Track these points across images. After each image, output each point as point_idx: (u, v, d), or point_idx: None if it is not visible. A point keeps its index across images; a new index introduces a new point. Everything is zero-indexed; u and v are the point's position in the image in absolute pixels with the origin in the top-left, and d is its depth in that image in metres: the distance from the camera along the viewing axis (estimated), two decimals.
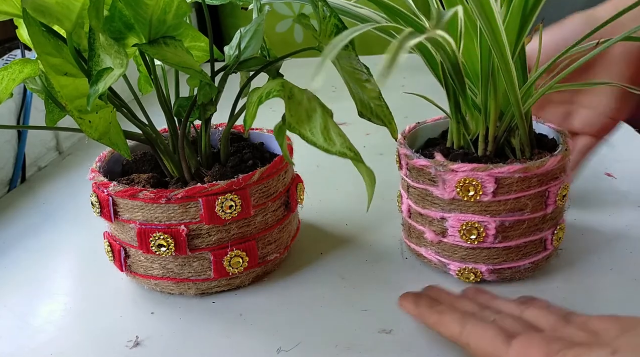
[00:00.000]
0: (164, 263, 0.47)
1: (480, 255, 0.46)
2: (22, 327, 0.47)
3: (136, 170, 0.52)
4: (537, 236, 0.45)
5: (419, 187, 0.47)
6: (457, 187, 0.43)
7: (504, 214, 0.44)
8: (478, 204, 0.44)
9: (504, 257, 0.46)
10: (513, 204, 0.44)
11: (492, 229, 0.44)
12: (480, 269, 0.46)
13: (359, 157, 0.42)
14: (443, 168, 0.44)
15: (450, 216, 0.45)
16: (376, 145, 0.76)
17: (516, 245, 0.45)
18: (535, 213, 0.44)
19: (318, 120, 0.42)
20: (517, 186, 0.43)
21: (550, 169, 0.43)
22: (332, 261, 0.53)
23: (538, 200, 0.44)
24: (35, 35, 0.37)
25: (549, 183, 0.44)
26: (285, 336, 0.43)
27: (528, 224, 0.44)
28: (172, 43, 0.42)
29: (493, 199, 0.43)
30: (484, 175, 0.42)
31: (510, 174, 0.42)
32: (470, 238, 0.45)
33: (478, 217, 0.44)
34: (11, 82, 0.42)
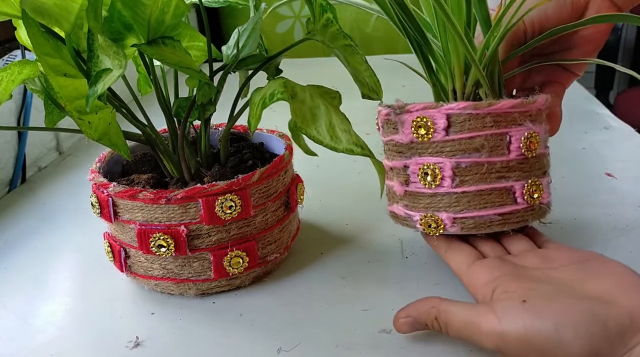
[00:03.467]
0: (163, 263, 0.47)
1: (440, 202, 0.45)
2: (22, 328, 0.47)
3: (136, 170, 0.52)
4: (500, 184, 0.44)
5: (387, 140, 0.47)
6: (412, 128, 0.44)
7: (459, 155, 0.43)
8: (432, 144, 0.44)
9: (464, 205, 0.44)
10: (467, 143, 0.43)
11: (448, 170, 0.44)
12: (440, 217, 0.45)
13: (365, 150, 0.42)
14: (400, 110, 0.44)
15: (410, 161, 0.45)
16: (376, 145, 0.75)
17: (476, 190, 0.44)
18: (494, 157, 0.44)
19: (322, 118, 0.42)
20: (469, 124, 0.43)
21: (505, 110, 0.43)
22: (332, 260, 0.53)
23: (496, 142, 0.43)
24: (34, 36, 0.37)
25: (507, 127, 0.43)
26: (285, 336, 0.43)
27: (487, 168, 0.44)
28: (170, 43, 0.42)
29: (445, 137, 0.43)
30: (434, 111, 0.43)
31: (460, 110, 0.42)
32: (427, 181, 0.44)
33: (434, 158, 0.44)
34: (10, 83, 0.42)
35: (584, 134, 0.78)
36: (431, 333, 0.42)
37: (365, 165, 0.70)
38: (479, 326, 0.37)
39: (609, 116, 0.86)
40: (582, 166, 0.68)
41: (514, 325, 0.35)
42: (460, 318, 0.38)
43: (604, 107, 0.90)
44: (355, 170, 0.71)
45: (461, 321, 0.38)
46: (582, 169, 0.67)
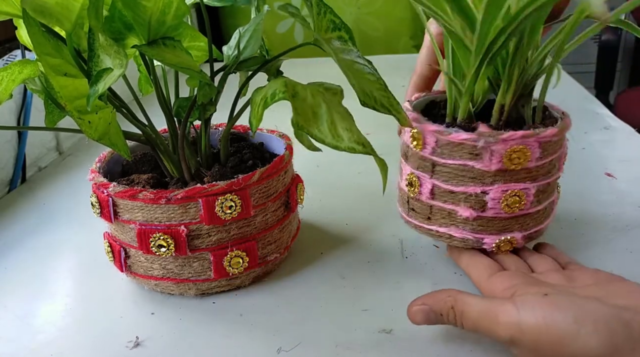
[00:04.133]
0: (163, 263, 0.47)
1: (515, 223, 0.46)
2: (22, 328, 0.47)
3: (136, 170, 0.52)
4: (553, 197, 0.48)
5: (453, 164, 0.45)
6: (504, 157, 0.43)
7: (541, 178, 0.45)
8: (522, 171, 0.44)
9: (534, 222, 0.47)
10: (548, 168, 0.45)
11: (531, 195, 0.45)
12: (515, 237, 0.46)
13: (368, 148, 0.42)
14: (493, 138, 0.43)
15: (492, 188, 0.44)
16: (376, 145, 0.75)
17: (543, 208, 0.47)
18: (556, 174, 0.47)
19: (324, 116, 0.42)
20: (552, 148, 0.45)
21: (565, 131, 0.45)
22: (332, 260, 0.53)
23: (559, 161, 0.46)
24: (34, 36, 0.37)
25: (563, 144, 0.46)
26: (285, 336, 0.43)
27: (552, 185, 0.47)
28: (170, 43, 0.42)
29: (535, 164, 0.44)
30: (532, 141, 0.43)
31: (551, 137, 0.44)
32: (511, 208, 0.45)
33: (521, 184, 0.44)
34: (10, 82, 0.42)
35: (584, 134, 0.78)
36: (432, 333, 0.42)
37: (365, 166, 0.70)
38: (497, 316, 0.36)
39: (609, 116, 0.86)
40: (582, 166, 0.68)
41: (532, 315, 0.35)
42: (478, 308, 0.38)
43: (604, 107, 0.90)
44: (355, 171, 0.71)
45: (478, 311, 0.37)
46: (582, 169, 0.67)
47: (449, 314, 0.39)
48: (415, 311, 0.40)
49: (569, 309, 0.35)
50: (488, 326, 0.37)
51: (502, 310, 0.36)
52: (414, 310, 0.40)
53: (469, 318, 0.38)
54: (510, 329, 0.36)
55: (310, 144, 0.46)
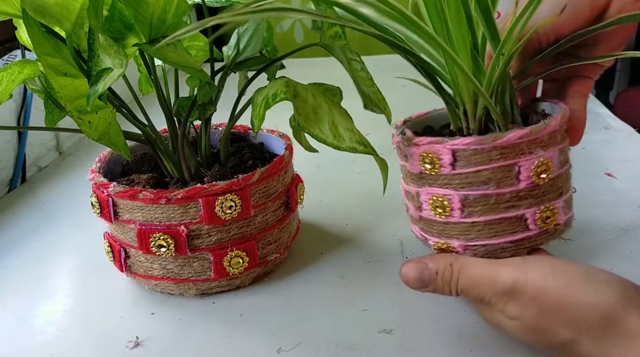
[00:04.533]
0: (163, 263, 0.47)
1: (452, 230, 0.45)
2: (22, 328, 0.47)
3: (136, 170, 0.52)
4: (510, 213, 0.44)
5: (402, 164, 0.47)
6: (420, 161, 0.44)
7: (467, 188, 0.43)
8: (441, 177, 0.44)
9: (475, 233, 0.44)
10: (474, 177, 0.43)
11: (457, 202, 0.44)
12: (452, 244, 0.45)
13: (369, 148, 0.43)
14: (408, 142, 0.44)
15: (422, 190, 0.45)
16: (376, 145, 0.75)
17: (485, 220, 0.44)
18: (502, 188, 0.43)
19: (325, 117, 0.42)
20: (475, 159, 0.42)
21: (512, 142, 0.42)
22: (332, 260, 0.53)
23: (504, 174, 0.43)
24: (34, 36, 0.37)
25: (515, 158, 0.42)
26: (285, 336, 0.43)
27: (496, 199, 0.43)
28: (171, 42, 0.42)
29: (452, 171, 0.43)
30: (439, 147, 0.43)
31: (465, 146, 0.42)
32: (437, 212, 0.44)
33: (442, 190, 0.44)
34: (10, 82, 0.42)
35: (584, 134, 0.78)
36: (432, 333, 0.42)
37: (365, 166, 0.70)
38: (499, 268, 0.35)
39: (609, 116, 0.86)
40: (582, 166, 0.68)
41: (540, 263, 0.34)
42: (480, 263, 0.36)
43: (604, 107, 0.90)
44: (355, 171, 0.71)
45: (481, 264, 0.36)
46: (582, 169, 0.67)
47: (444, 272, 0.37)
48: (409, 266, 0.39)
49: (580, 264, 0.33)
50: (488, 277, 0.35)
51: (506, 261, 0.35)
52: (407, 265, 0.39)
53: (469, 272, 0.36)
54: (514, 274, 0.34)
55: (308, 144, 0.46)
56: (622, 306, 0.31)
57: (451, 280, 0.37)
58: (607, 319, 0.31)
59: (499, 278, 0.34)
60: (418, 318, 0.44)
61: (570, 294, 0.32)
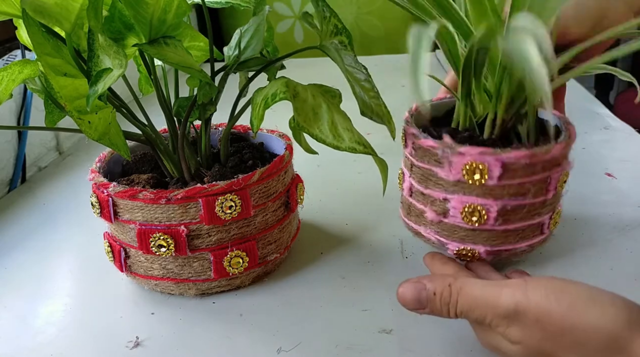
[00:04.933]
0: (163, 263, 0.47)
1: (479, 236, 0.46)
2: (22, 328, 0.47)
3: (136, 170, 0.52)
4: (535, 220, 0.46)
5: (423, 167, 0.46)
6: (463, 170, 0.43)
7: (506, 198, 0.44)
8: (482, 187, 0.44)
9: (502, 240, 0.46)
10: (516, 189, 0.44)
11: (494, 212, 0.44)
12: (478, 250, 0.46)
13: (368, 148, 0.43)
14: (450, 150, 0.43)
15: (453, 197, 0.45)
16: (377, 145, 0.75)
17: (514, 228, 0.45)
18: (536, 198, 0.45)
19: (324, 117, 0.42)
20: (522, 172, 0.43)
21: (554, 155, 0.43)
22: (332, 260, 0.53)
23: (540, 185, 0.44)
24: (34, 36, 0.37)
25: (551, 169, 0.44)
26: (285, 336, 0.43)
27: (528, 208, 0.45)
28: (171, 42, 0.42)
29: (498, 183, 0.43)
30: (491, 159, 0.42)
31: (517, 159, 0.42)
32: (471, 220, 0.45)
33: (481, 199, 0.44)
34: (10, 82, 0.42)
35: (584, 134, 0.78)
36: (431, 333, 0.42)
37: (365, 166, 0.70)
38: (500, 290, 0.33)
39: (609, 116, 0.86)
40: (582, 166, 0.68)
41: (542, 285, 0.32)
42: (480, 284, 0.35)
43: (604, 107, 0.90)
44: (355, 171, 0.71)
45: (481, 286, 0.35)
46: (582, 169, 0.67)
47: (443, 293, 0.36)
48: (406, 286, 0.38)
49: (583, 284, 0.32)
50: (489, 299, 0.34)
51: (507, 283, 0.34)
52: (405, 285, 0.38)
53: (468, 293, 0.35)
54: (516, 297, 0.32)
55: (308, 146, 0.47)
56: (628, 329, 0.30)
57: (450, 301, 0.36)
58: (613, 343, 0.30)
59: (501, 300, 0.33)
60: (418, 318, 0.44)
61: (575, 317, 0.31)
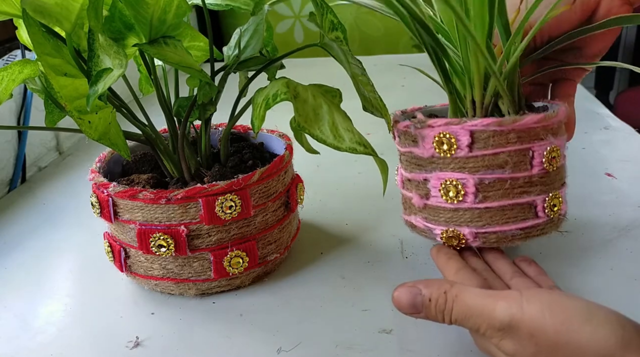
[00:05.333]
0: (163, 263, 0.47)
1: (462, 217, 0.45)
2: (22, 328, 0.47)
3: (136, 170, 0.52)
4: (522, 199, 0.44)
5: (406, 152, 0.47)
6: (433, 143, 0.43)
7: (482, 171, 0.43)
8: (455, 160, 0.43)
9: (486, 220, 0.45)
10: (490, 160, 0.43)
11: (471, 186, 0.43)
12: (462, 232, 0.45)
13: (369, 149, 0.43)
14: (421, 124, 0.44)
15: (431, 175, 0.45)
16: (376, 145, 0.75)
17: (499, 206, 0.44)
18: (517, 172, 0.43)
19: (325, 117, 0.42)
20: (493, 141, 0.42)
21: (528, 126, 0.42)
22: (332, 260, 0.53)
23: (519, 158, 0.43)
24: (34, 36, 0.37)
25: (531, 142, 0.43)
26: (285, 336, 0.43)
27: (510, 183, 0.44)
28: (171, 42, 0.42)
29: (469, 153, 0.43)
30: (458, 128, 0.42)
31: (484, 126, 0.42)
32: (449, 196, 0.44)
33: (456, 174, 0.44)
34: (11, 82, 0.42)
35: (584, 134, 0.78)
36: (431, 333, 0.42)
37: (365, 166, 0.70)
38: (496, 300, 0.33)
39: (609, 116, 0.86)
40: (582, 166, 0.68)
41: (538, 299, 0.32)
42: (476, 293, 0.35)
43: (604, 107, 0.90)
44: (355, 171, 0.71)
45: (476, 295, 0.35)
46: (582, 169, 0.67)
47: (438, 299, 0.36)
48: (402, 290, 0.37)
49: (579, 299, 0.32)
50: (484, 309, 0.34)
51: (503, 295, 0.34)
52: (401, 289, 0.37)
53: (463, 302, 0.35)
54: (511, 310, 0.32)
55: (309, 146, 0.47)
56: (621, 348, 0.30)
57: (445, 308, 0.36)
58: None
59: (495, 312, 0.33)
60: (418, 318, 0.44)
61: (569, 333, 0.31)
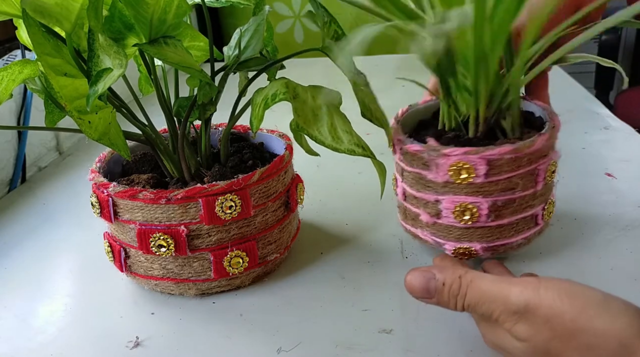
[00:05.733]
0: (163, 263, 0.47)
1: (474, 234, 0.46)
2: (22, 328, 0.47)
3: (136, 170, 0.52)
4: (528, 213, 0.46)
5: (413, 171, 0.47)
6: (449, 171, 0.44)
7: (495, 194, 0.44)
8: (471, 185, 0.44)
9: (497, 235, 0.46)
10: (504, 184, 0.44)
11: (485, 209, 0.45)
12: (474, 247, 0.47)
13: (367, 151, 0.43)
14: (435, 152, 0.44)
15: (444, 198, 0.45)
16: (376, 145, 0.75)
17: (508, 222, 0.46)
18: (525, 191, 0.45)
19: (324, 118, 0.42)
20: (507, 166, 0.44)
21: (539, 147, 0.44)
22: (332, 260, 0.53)
23: (528, 178, 0.45)
24: (34, 36, 0.37)
25: (538, 161, 0.45)
26: (285, 336, 0.43)
27: (519, 201, 0.45)
28: (171, 42, 0.42)
29: (485, 180, 0.44)
30: (476, 158, 0.43)
31: (501, 155, 0.43)
32: (463, 219, 0.45)
33: (471, 198, 0.45)
34: (11, 82, 0.42)
35: (584, 134, 0.78)
36: (432, 333, 0.42)
37: (365, 166, 0.70)
38: (511, 286, 0.33)
39: (609, 116, 0.86)
40: (582, 166, 0.68)
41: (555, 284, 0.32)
42: (490, 279, 0.34)
43: (604, 107, 0.90)
44: (355, 171, 0.71)
45: (491, 280, 0.34)
46: (582, 169, 0.67)
47: (452, 284, 0.35)
48: (415, 274, 0.37)
49: (595, 289, 0.32)
50: (499, 294, 0.33)
51: (519, 280, 0.33)
52: (414, 273, 0.37)
53: (478, 287, 0.34)
54: (527, 294, 0.32)
55: (309, 148, 0.47)
56: (638, 337, 0.30)
57: (459, 293, 0.35)
58: (622, 349, 0.30)
59: (511, 296, 0.33)
60: (418, 318, 0.44)
61: (586, 320, 0.31)
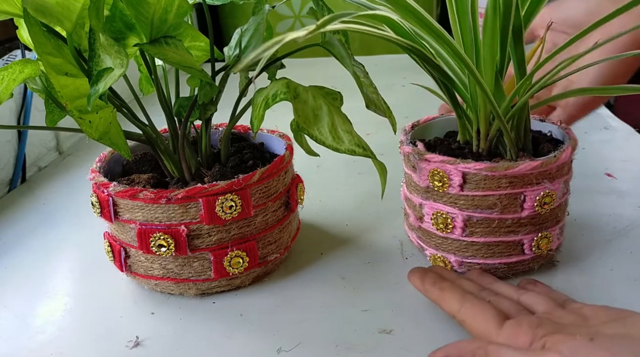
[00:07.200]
0: (164, 263, 0.47)
1: (450, 245, 0.47)
2: (21, 328, 0.47)
3: (136, 170, 0.52)
4: (509, 238, 0.45)
5: (407, 172, 0.49)
6: (429, 176, 0.45)
7: (471, 209, 0.45)
8: (447, 195, 0.45)
9: (472, 252, 0.46)
10: (480, 200, 0.44)
11: (460, 222, 0.45)
12: (449, 258, 0.47)
13: (368, 151, 0.43)
14: (419, 156, 0.46)
15: (426, 203, 0.47)
16: (376, 146, 0.75)
17: (484, 241, 0.46)
18: (506, 214, 0.44)
19: (325, 118, 0.42)
20: (484, 184, 0.44)
21: (523, 172, 0.43)
22: (332, 261, 0.53)
23: (509, 201, 0.44)
24: (35, 35, 0.37)
25: (523, 187, 0.43)
26: (285, 336, 0.43)
27: (498, 223, 0.45)
28: (172, 42, 0.42)
29: (460, 192, 0.44)
30: (451, 168, 0.44)
31: (477, 170, 0.43)
32: (439, 227, 0.46)
33: (448, 207, 0.46)
34: (11, 82, 0.42)
35: (584, 134, 0.78)
36: (432, 333, 0.42)
37: (365, 166, 0.70)
38: None
39: (609, 116, 0.86)
40: (582, 166, 0.68)
41: None
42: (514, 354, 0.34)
43: (604, 107, 0.90)
44: (355, 171, 0.71)
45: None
46: (582, 169, 0.67)
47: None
48: None
49: (623, 352, 0.32)
50: None
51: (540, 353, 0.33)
52: None
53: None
54: None
55: (309, 148, 0.46)
56: None
57: None
58: None
59: None
60: (418, 318, 0.44)
61: None
